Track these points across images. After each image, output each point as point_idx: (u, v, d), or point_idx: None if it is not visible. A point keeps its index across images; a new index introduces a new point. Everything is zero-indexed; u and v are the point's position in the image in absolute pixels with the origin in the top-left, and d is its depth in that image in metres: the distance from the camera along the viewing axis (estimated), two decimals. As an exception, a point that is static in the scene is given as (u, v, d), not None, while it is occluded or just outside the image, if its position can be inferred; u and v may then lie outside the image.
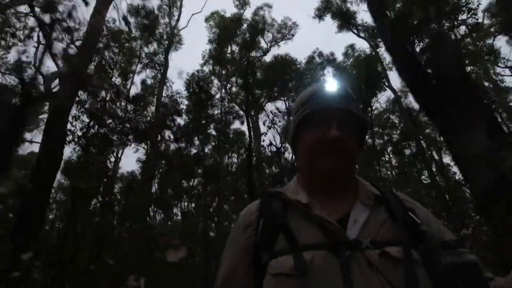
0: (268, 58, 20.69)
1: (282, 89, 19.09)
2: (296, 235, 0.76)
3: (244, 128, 20.78)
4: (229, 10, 27.13)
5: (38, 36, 12.28)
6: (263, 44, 21.20)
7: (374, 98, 18.99)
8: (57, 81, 10.37)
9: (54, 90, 10.42)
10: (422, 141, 17.67)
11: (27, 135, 15.88)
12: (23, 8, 11.29)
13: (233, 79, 20.58)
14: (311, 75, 19.61)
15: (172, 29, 19.06)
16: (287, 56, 19.42)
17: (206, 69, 20.58)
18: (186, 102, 18.57)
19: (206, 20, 21.36)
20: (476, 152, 3.87)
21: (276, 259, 0.74)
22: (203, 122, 18.64)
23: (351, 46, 20.64)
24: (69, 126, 9.23)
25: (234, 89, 21.34)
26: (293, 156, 1.00)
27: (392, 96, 19.57)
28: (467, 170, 4.21)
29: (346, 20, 18.85)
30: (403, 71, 5.18)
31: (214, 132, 20.21)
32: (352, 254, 0.71)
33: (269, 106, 19.36)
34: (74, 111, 10.02)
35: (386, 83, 18.28)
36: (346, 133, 0.85)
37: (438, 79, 4.67)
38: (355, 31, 19.26)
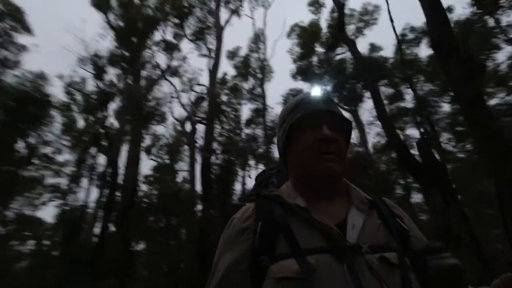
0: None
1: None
2: (297, 239, 0.76)
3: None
4: (309, 18, 26.14)
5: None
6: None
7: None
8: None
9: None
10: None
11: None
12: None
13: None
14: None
15: (262, 63, 20.07)
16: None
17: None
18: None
19: (289, 35, 21.34)
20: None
21: (278, 263, 0.73)
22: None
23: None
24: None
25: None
26: (284, 164, 0.98)
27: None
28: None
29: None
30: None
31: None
32: (354, 259, 0.72)
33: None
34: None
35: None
36: (336, 134, 0.86)
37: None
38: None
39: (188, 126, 22.25)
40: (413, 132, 19.01)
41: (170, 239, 19.96)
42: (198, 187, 17.03)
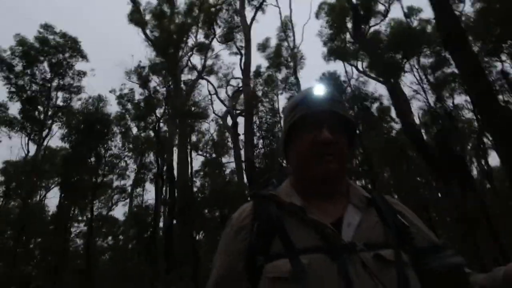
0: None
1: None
2: (292, 238, 0.76)
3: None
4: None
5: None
6: (380, 8, 18.68)
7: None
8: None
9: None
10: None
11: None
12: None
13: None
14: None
15: (292, 51, 20.02)
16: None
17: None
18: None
19: (317, 16, 20.62)
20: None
21: (272, 262, 0.74)
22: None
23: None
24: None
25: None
26: (285, 161, 1.00)
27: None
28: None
29: None
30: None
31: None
32: (348, 257, 0.72)
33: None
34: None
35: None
36: (337, 136, 0.85)
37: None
38: None
39: (229, 120, 23.24)
40: (462, 100, 17.67)
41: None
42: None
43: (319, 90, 0.92)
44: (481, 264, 5.41)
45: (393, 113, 18.59)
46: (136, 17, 16.49)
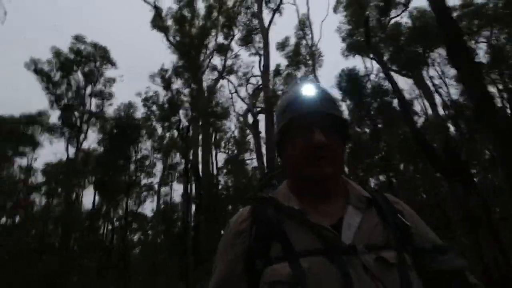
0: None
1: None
2: (291, 241, 0.75)
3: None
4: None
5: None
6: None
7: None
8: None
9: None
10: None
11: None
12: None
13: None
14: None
15: (311, 49, 20.07)
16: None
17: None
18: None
19: (335, 10, 20.36)
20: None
21: (272, 266, 0.73)
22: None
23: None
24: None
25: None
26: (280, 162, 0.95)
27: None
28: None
29: None
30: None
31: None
32: (349, 259, 0.71)
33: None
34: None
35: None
36: (330, 137, 0.83)
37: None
38: None
39: (250, 118, 23.69)
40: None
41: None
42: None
43: (308, 90, 0.89)
44: (483, 262, 5.61)
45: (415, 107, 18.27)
46: (158, 23, 17.23)
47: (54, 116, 19.88)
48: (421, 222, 0.89)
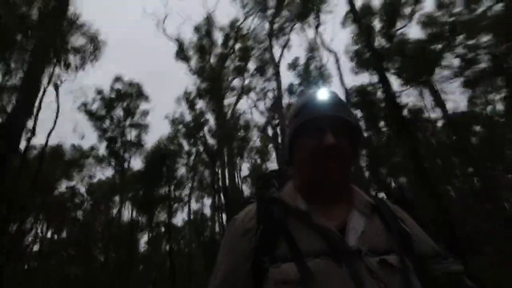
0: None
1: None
2: (297, 241, 0.76)
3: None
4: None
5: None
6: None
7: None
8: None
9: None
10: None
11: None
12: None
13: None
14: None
15: (320, 70, 21.33)
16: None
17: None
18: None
19: (343, 24, 20.86)
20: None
21: (278, 265, 0.74)
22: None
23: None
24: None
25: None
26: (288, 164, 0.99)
27: None
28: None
29: None
30: None
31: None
32: (354, 262, 0.73)
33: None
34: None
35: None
36: (340, 140, 0.85)
37: None
38: None
39: (269, 130, 25.18)
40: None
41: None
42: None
43: (322, 95, 0.92)
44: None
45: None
46: (181, 55, 19.26)
47: (102, 147, 22.82)
48: (420, 230, 0.91)
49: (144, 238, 28.66)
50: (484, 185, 14.83)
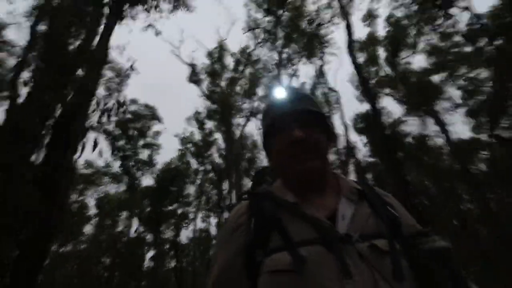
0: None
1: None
2: (289, 233, 0.78)
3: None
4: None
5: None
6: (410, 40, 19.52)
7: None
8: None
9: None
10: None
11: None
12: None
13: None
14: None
15: (326, 97, 21.84)
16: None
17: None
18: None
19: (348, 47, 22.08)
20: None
21: (271, 256, 0.76)
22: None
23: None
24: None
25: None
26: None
27: None
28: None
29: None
30: None
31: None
32: (345, 248, 0.74)
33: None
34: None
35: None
36: (309, 131, 0.87)
37: None
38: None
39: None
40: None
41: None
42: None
43: (282, 94, 0.97)
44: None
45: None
46: (194, 78, 20.28)
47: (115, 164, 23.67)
48: (406, 213, 0.93)
49: (149, 254, 28.97)
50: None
